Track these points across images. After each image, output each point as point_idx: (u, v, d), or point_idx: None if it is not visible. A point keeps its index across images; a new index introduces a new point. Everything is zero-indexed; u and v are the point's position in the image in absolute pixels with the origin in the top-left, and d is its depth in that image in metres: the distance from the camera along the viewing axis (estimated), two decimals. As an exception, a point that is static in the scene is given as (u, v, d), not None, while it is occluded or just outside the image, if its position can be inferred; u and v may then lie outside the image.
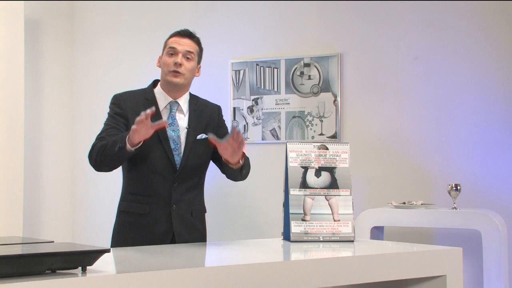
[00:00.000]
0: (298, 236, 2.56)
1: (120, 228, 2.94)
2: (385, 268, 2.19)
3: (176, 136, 2.90)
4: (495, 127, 3.97)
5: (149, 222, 2.87)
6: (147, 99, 2.91)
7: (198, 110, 2.99)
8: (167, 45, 2.95)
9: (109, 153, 2.72)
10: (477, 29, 4.04)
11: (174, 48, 2.90)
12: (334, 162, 2.69)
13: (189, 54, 2.91)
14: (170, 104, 2.93)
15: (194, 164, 2.92)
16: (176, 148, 2.89)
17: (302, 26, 4.44)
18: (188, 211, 2.94)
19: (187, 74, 2.91)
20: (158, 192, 2.88)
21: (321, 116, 4.35)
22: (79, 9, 5.09)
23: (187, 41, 2.92)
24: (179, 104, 2.94)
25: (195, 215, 2.97)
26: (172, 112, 2.92)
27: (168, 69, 2.89)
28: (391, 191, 4.13)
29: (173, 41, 2.92)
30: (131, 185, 2.93)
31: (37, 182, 4.83)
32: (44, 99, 4.92)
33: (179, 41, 2.91)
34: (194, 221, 2.96)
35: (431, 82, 4.12)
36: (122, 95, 2.96)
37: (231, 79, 4.58)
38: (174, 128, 2.91)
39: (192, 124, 2.94)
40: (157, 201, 2.88)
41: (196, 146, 2.92)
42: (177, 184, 2.89)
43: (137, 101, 2.92)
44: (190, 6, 4.73)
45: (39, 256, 1.62)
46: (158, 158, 2.86)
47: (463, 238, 3.84)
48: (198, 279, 1.79)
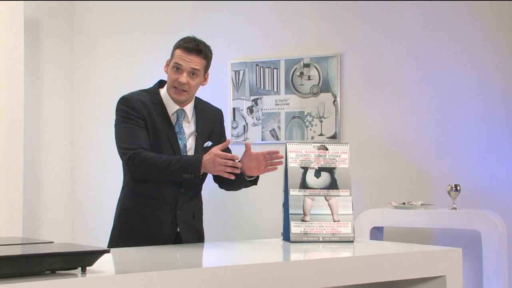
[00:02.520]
0: (298, 236, 2.56)
1: (122, 226, 2.90)
2: (384, 268, 2.19)
3: (182, 144, 2.89)
4: (495, 127, 3.97)
5: (152, 224, 2.85)
6: (154, 103, 2.88)
7: (202, 116, 2.96)
8: (174, 56, 2.87)
9: (168, 175, 2.71)
10: (477, 30, 4.04)
11: (180, 64, 2.83)
12: (333, 162, 2.69)
13: (195, 71, 2.85)
14: (177, 113, 2.91)
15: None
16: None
17: (301, 27, 4.44)
18: (191, 215, 2.94)
19: (192, 91, 2.89)
20: (164, 196, 2.86)
21: (321, 117, 4.35)
22: (79, 9, 5.08)
23: (194, 58, 2.84)
24: (186, 112, 2.92)
25: (196, 218, 2.98)
26: (179, 120, 2.90)
27: (172, 84, 2.85)
28: (391, 191, 4.13)
29: (179, 56, 2.84)
30: (138, 185, 2.88)
31: (36, 182, 4.82)
32: (44, 99, 4.91)
33: (185, 58, 2.83)
34: (196, 223, 2.97)
35: (431, 82, 4.12)
36: (133, 97, 2.87)
37: (231, 80, 4.57)
38: (181, 137, 2.89)
39: (199, 129, 2.93)
40: (163, 204, 2.86)
41: (203, 153, 2.86)
42: (184, 189, 2.87)
43: (148, 105, 2.87)
44: (190, 6, 4.73)
45: (38, 256, 1.62)
46: None
47: (463, 239, 3.84)
48: (198, 280, 1.79)
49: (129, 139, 2.78)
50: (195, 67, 2.84)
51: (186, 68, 2.83)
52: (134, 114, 2.82)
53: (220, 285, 1.83)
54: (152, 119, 2.84)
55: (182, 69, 2.83)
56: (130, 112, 2.83)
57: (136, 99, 2.86)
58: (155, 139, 2.83)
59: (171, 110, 2.89)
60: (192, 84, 2.86)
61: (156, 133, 2.83)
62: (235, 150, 4.52)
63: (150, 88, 2.97)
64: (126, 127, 2.81)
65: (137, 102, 2.85)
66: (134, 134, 2.79)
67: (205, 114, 2.98)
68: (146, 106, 2.85)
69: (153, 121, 2.83)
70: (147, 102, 2.87)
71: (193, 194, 2.93)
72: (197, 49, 2.85)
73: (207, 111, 3.01)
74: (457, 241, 3.83)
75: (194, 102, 2.97)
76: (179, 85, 2.83)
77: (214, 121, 3.02)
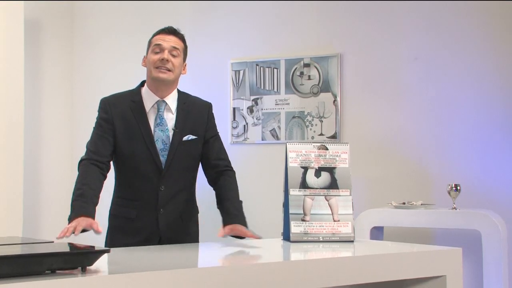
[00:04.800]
0: (298, 236, 2.56)
1: (112, 231, 2.90)
2: (384, 268, 2.19)
3: (165, 136, 2.83)
4: (495, 127, 3.97)
5: (136, 227, 2.83)
6: (133, 101, 2.86)
7: (186, 110, 2.90)
8: (152, 43, 2.89)
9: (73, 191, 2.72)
10: (477, 30, 4.04)
11: (160, 45, 2.83)
12: (334, 162, 2.69)
13: (175, 50, 2.84)
14: (158, 104, 2.85)
15: (180, 166, 2.85)
16: (165, 149, 2.82)
17: (302, 27, 4.44)
18: (177, 214, 2.88)
19: (175, 70, 2.84)
20: (144, 196, 2.83)
21: (321, 116, 4.35)
22: (79, 9, 5.09)
23: (172, 38, 2.86)
24: (167, 103, 2.86)
25: (185, 218, 2.91)
26: (160, 111, 2.84)
27: (155, 66, 2.82)
28: (391, 191, 4.13)
29: (158, 38, 2.86)
30: (120, 189, 2.90)
31: (36, 183, 4.83)
32: (44, 99, 4.92)
33: (164, 38, 2.85)
34: (184, 224, 2.90)
35: (431, 82, 4.13)
36: (109, 100, 2.90)
37: (231, 79, 4.57)
38: (163, 128, 2.83)
39: (179, 124, 2.85)
40: (144, 205, 2.83)
41: (183, 148, 2.84)
42: (164, 187, 2.82)
43: (124, 104, 2.86)
44: (190, 6, 4.73)
45: (38, 256, 1.62)
46: (144, 161, 2.80)
47: (463, 238, 3.84)
48: (198, 279, 1.79)
49: (90, 146, 2.83)
50: (175, 46, 2.84)
51: (166, 46, 2.83)
52: (104, 117, 2.85)
53: (220, 285, 1.83)
54: (125, 118, 2.82)
55: (163, 47, 2.83)
56: (101, 116, 2.86)
57: (111, 102, 2.88)
58: (127, 137, 2.82)
59: (151, 102, 2.85)
60: (175, 63, 2.84)
61: (129, 130, 2.82)
62: (235, 150, 4.55)
63: (133, 88, 2.95)
64: (95, 133, 2.87)
65: (111, 105, 2.86)
66: (95, 143, 2.83)
67: (189, 108, 2.91)
68: (120, 107, 2.85)
69: (126, 118, 2.82)
70: (126, 102, 2.86)
71: (176, 191, 2.85)
72: (173, 30, 2.89)
73: (192, 105, 2.94)
74: (457, 241, 3.83)
75: (178, 96, 2.91)
76: (162, 63, 2.81)
77: (200, 115, 2.93)
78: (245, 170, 4.34)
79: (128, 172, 2.85)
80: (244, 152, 4.53)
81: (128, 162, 2.83)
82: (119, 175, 2.90)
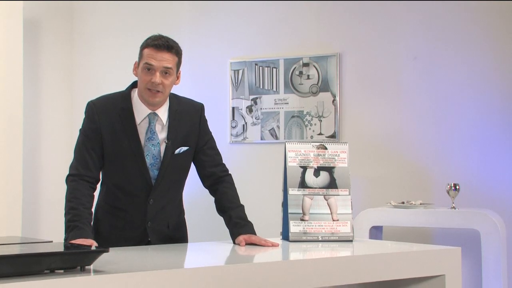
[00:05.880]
0: (297, 235, 2.56)
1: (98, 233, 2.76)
2: (384, 267, 2.20)
3: (156, 151, 2.68)
4: (494, 127, 3.97)
5: (123, 235, 2.73)
6: (123, 109, 2.68)
7: (177, 119, 2.73)
8: (143, 56, 2.64)
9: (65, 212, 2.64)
10: (476, 29, 4.04)
11: (151, 64, 2.59)
12: (333, 161, 2.69)
13: (167, 70, 2.61)
14: (149, 117, 2.68)
15: (171, 179, 2.73)
16: (155, 163, 2.69)
17: (301, 26, 4.44)
18: (165, 225, 2.78)
19: (166, 90, 2.65)
20: (131, 210, 2.73)
21: (320, 116, 4.35)
22: (78, 9, 5.09)
23: (165, 56, 2.61)
24: (159, 116, 2.69)
25: (172, 227, 2.81)
26: (151, 124, 2.68)
27: (145, 86, 2.62)
28: (390, 190, 4.13)
29: (149, 55, 2.61)
30: (108, 195, 2.78)
31: (36, 182, 4.82)
32: (43, 99, 4.92)
33: (156, 56, 2.60)
34: (171, 232, 2.81)
35: (430, 82, 4.13)
36: (96, 106, 2.71)
37: (230, 79, 4.58)
38: (154, 143, 2.68)
39: (171, 135, 2.70)
40: (131, 217, 2.73)
41: (174, 161, 2.71)
42: (153, 201, 2.71)
43: (113, 112, 2.68)
44: (189, 6, 4.73)
45: (38, 256, 1.62)
46: (133, 176, 2.67)
47: (462, 238, 3.85)
48: (197, 279, 1.79)
49: (78, 162, 2.70)
50: (167, 66, 2.61)
51: (158, 67, 2.59)
52: (92, 128, 2.68)
53: (220, 284, 1.83)
54: (114, 129, 2.67)
55: (154, 68, 2.60)
56: (89, 126, 2.70)
57: (99, 109, 2.71)
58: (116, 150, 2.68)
59: (143, 115, 2.68)
60: (166, 84, 2.62)
61: (118, 144, 2.67)
62: (234, 149, 4.56)
63: (124, 90, 2.76)
64: (82, 145, 2.70)
65: (99, 112, 2.70)
66: (84, 157, 2.69)
67: (181, 116, 2.74)
68: (108, 114, 2.69)
69: (115, 129, 2.67)
70: (115, 107, 2.70)
71: (164, 203, 2.76)
72: (167, 46, 2.63)
73: (183, 112, 2.76)
74: (457, 240, 3.83)
75: (169, 103, 2.74)
76: (153, 86, 2.60)
77: (192, 122, 2.77)
78: (244, 170, 4.35)
79: (116, 185, 2.74)
80: (243, 151, 4.53)
81: (116, 176, 2.72)
82: (106, 184, 2.78)
